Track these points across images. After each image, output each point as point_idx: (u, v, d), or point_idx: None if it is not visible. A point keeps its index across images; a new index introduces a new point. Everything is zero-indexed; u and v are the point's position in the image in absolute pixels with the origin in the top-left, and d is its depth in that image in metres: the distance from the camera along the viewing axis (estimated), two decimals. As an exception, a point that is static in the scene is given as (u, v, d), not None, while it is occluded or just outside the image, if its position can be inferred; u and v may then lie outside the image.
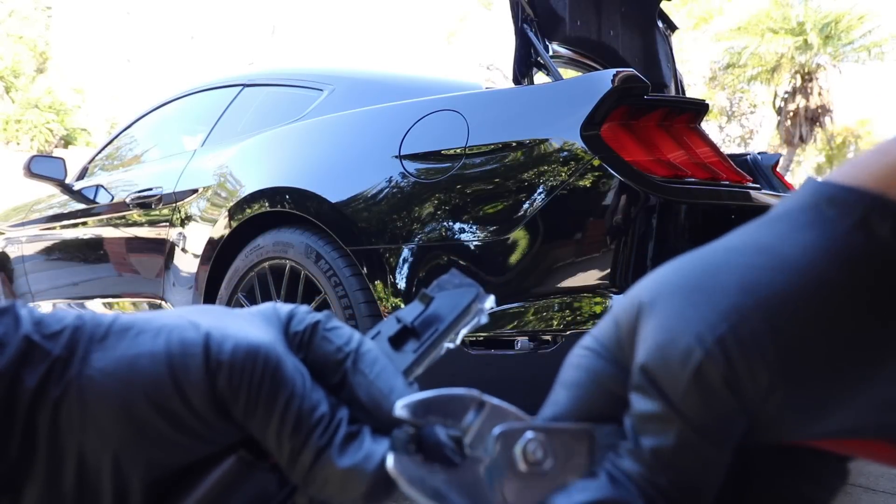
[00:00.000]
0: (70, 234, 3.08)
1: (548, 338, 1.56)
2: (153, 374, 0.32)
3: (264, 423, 0.32)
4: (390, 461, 0.30)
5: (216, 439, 0.33)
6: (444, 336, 0.36)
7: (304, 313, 0.36)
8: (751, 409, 0.27)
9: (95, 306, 2.86)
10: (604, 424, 0.31)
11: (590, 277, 1.55)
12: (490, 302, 0.38)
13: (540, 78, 1.99)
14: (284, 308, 0.36)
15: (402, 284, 1.71)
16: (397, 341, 0.37)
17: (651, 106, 1.68)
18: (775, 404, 0.27)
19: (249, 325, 0.34)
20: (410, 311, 0.37)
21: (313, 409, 0.32)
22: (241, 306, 2.10)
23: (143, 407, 0.31)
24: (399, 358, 0.36)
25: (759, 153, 2.85)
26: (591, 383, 0.31)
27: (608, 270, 1.54)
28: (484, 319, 0.37)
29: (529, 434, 0.30)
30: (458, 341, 0.37)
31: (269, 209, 2.04)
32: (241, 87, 2.79)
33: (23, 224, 3.52)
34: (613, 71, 1.62)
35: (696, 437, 0.27)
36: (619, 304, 0.32)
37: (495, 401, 0.31)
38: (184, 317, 0.34)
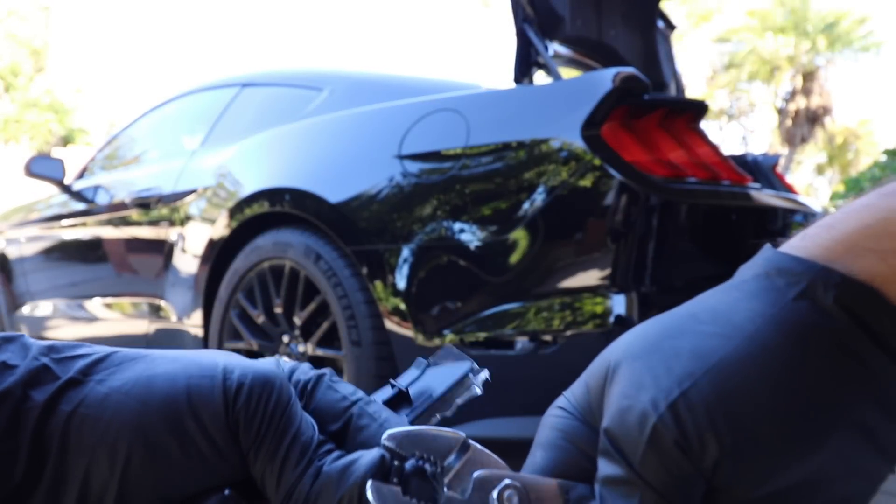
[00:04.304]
0: (69, 234, 3.08)
1: (548, 338, 1.56)
2: (169, 394, 0.32)
3: (271, 452, 0.32)
4: (369, 488, 0.31)
5: (219, 469, 0.33)
6: (435, 405, 0.38)
7: (308, 367, 0.37)
8: (705, 474, 0.28)
9: (95, 306, 2.86)
10: (578, 483, 0.32)
11: (590, 277, 1.55)
12: (483, 375, 0.39)
13: (540, 78, 1.99)
14: (288, 362, 0.38)
15: (402, 284, 1.71)
16: (392, 405, 0.38)
17: (651, 106, 1.67)
18: (725, 474, 0.28)
19: (259, 362, 0.35)
20: (405, 378, 0.39)
21: (318, 445, 0.33)
22: (241, 306, 2.10)
23: (157, 426, 0.31)
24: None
25: (759, 154, 2.85)
26: (566, 443, 0.33)
27: (608, 270, 1.54)
28: (477, 391, 0.39)
29: (507, 481, 0.31)
30: (452, 412, 0.38)
31: (268, 209, 2.04)
32: (240, 87, 2.79)
33: (22, 224, 3.52)
34: (613, 70, 1.62)
35: (659, 500, 0.28)
36: (591, 367, 0.34)
37: (479, 447, 0.33)
38: (196, 351, 0.35)
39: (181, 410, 0.31)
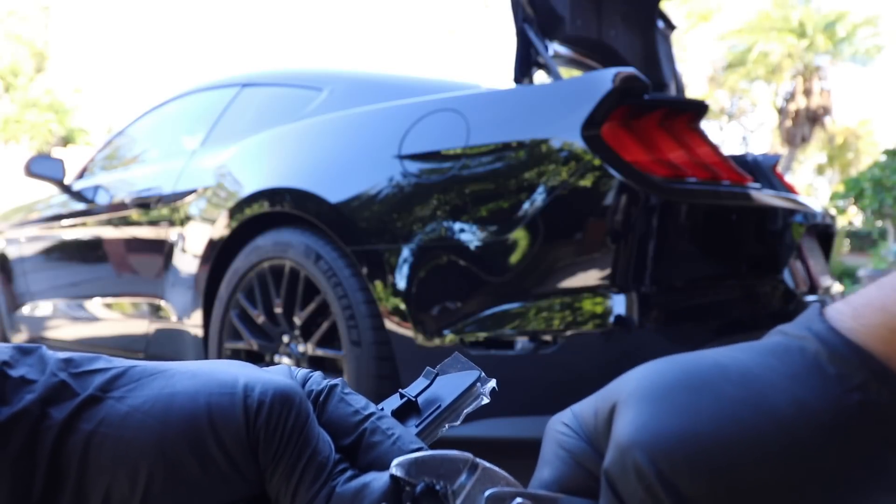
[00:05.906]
0: (69, 234, 3.08)
1: (548, 338, 1.56)
2: (190, 413, 0.32)
3: (288, 471, 0.32)
4: None
5: (237, 486, 0.33)
6: (444, 414, 0.38)
7: (321, 377, 0.37)
8: None
9: (95, 306, 2.86)
10: (588, 501, 0.32)
11: (590, 277, 1.55)
12: (490, 385, 0.39)
13: (540, 78, 1.99)
14: (300, 370, 0.37)
15: (402, 284, 1.71)
16: (400, 415, 0.38)
17: (651, 106, 1.67)
18: None
19: (276, 374, 0.35)
20: (414, 388, 0.39)
21: (335, 464, 0.33)
22: (241, 306, 2.10)
23: (178, 445, 0.31)
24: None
25: (759, 154, 2.85)
26: (572, 461, 0.32)
27: (608, 270, 1.54)
28: (485, 400, 0.39)
29: (519, 499, 0.31)
30: (460, 421, 0.38)
31: (269, 209, 2.04)
32: (239, 88, 2.79)
33: (22, 224, 3.52)
34: (614, 70, 1.62)
35: None
36: (602, 392, 0.33)
37: (487, 464, 0.33)
38: (213, 363, 0.35)
39: (202, 430, 0.31)
